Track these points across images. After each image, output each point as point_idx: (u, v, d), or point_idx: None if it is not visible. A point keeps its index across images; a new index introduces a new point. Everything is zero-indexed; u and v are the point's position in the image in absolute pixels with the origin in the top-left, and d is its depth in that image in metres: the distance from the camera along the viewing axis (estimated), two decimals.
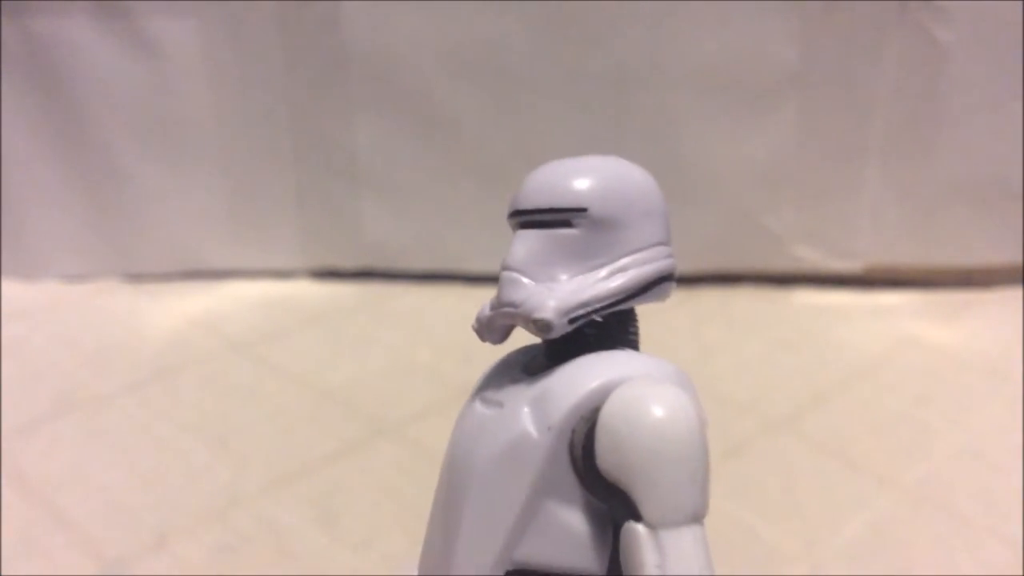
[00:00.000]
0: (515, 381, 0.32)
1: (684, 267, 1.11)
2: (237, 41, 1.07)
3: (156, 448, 0.81)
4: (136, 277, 1.16)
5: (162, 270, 1.16)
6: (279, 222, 1.15)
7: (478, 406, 0.32)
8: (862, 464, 0.77)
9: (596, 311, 0.30)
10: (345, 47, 1.06)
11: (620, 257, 0.30)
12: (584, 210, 0.30)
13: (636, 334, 0.32)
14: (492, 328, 0.32)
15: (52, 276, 1.15)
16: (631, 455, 0.27)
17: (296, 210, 1.14)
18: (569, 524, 0.29)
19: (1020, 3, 0.98)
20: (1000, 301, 1.06)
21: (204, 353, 0.98)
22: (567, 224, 0.30)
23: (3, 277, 1.14)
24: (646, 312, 0.33)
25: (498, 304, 0.31)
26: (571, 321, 0.30)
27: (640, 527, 0.26)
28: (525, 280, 0.30)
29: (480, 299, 0.33)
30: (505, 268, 0.30)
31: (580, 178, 0.30)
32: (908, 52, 1.01)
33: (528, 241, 0.30)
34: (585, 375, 0.29)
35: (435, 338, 1.00)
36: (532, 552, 0.29)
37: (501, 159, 1.08)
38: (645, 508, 0.27)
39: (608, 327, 0.31)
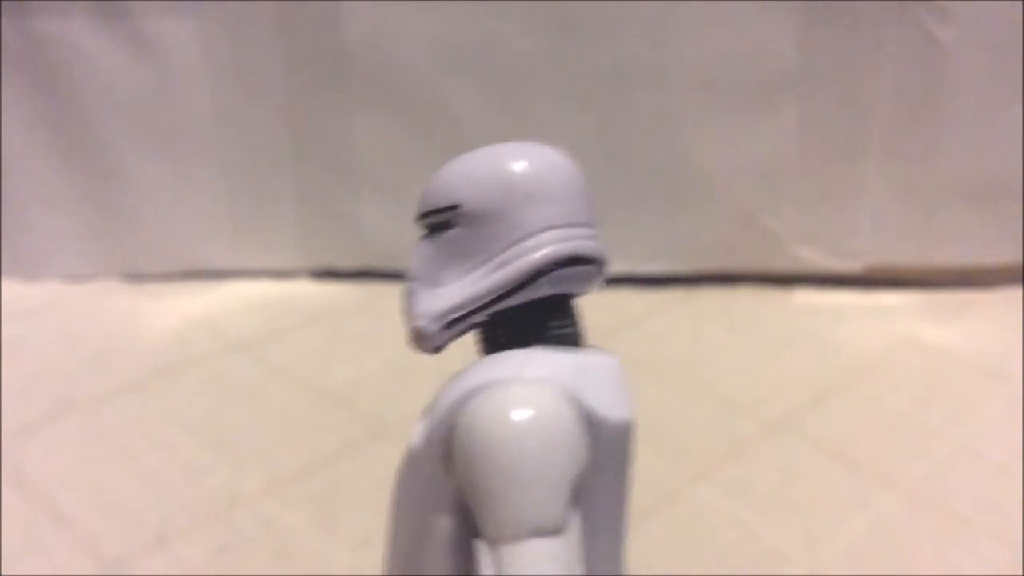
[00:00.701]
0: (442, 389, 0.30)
1: (684, 267, 1.11)
2: (237, 41, 1.07)
3: (156, 448, 0.81)
4: (136, 277, 1.16)
5: (162, 270, 1.16)
6: (279, 222, 1.15)
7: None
8: (862, 464, 0.77)
9: (474, 312, 0.28)
10: (345, 47, 1.06)
11: (504, 250, 0.28)
12: (457, 206, 0.28)
13: (566, 327, 0.29)
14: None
15: (52, 276, 1.15)
16: (467, 468, 0.25)
17: (296, 210, 1.14)
18: (461, 542, 0.27)
19: (1020, 3, 0.98)
20: (1000, 301, 1.06)
21: (204, 353, 0.98)
22: (449, 225, 0.29)
23: (3, 277, 1.14)
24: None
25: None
26: (448, 326, 0.28)
27: (482, 544, 0.25)
28: (416, 289, 0.29)
29: None
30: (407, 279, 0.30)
31: (452, 174, 0.29)
32: (908, 52, 1.01)
33: (420, 249, 0.29)
34: (461, 383, 0.27)
35: None
36: (433, 571, 0.28)
37: None
38: (481, 523, 0.25)
39: (518, 325, 0.29)
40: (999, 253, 1.09)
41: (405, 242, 1.31)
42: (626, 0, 1.01)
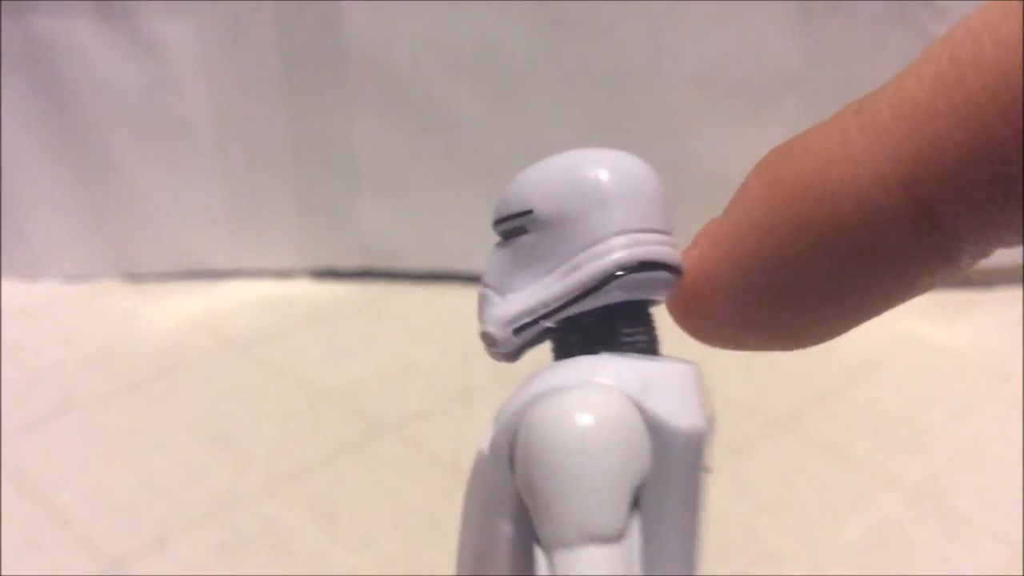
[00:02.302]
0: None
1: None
2: (237, 41, 1.07)
3: (156, 448, 0.81)
4: (136, 277, 1.16)
5: (162, 270, 1.15)
6: (279, 222, 1.15)
7: None
8: (862, 464, 0.77)
9: (544, 317, 0.28)
10: (345, 47, 1.06)
11: (575, 254, 0.27)
12: (529, 212, 0.28)
13: (638, 334, 0.30)
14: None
15: (52, 276, 1.15)
16: (527, 470, 0.25)
17: (296, 210, 1.14)
18: (524, 548, 0.26)
19: (1019, 3, 0.98)
20: (1000, 301, 1.06)
21: (204, 353, 0.98)
22: (523, 231, 0.28)
23: (3, 277, 1.14)
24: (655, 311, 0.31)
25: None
26: (517, 331, 0.28)
27: (538, 549, 0.24)
28: (490, 294, 0.29)
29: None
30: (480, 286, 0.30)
31: (526, 179, 0.29)
32: (908, 52, 1.01)
33: (495, 255, 0.29)
34: (528, 388, 0.27)
35: (435, 338, 1.00)
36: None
37: (501, 159, 1.08)
38: (537, 527, 0.24)
39: (589, 331, 0.29)
40: (999, 253, 1.08)
41: (405, 242, 1.31)
42: (626, 0, 1.01)
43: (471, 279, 1.13)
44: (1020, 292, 1.07)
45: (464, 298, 1.16)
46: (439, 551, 0.68)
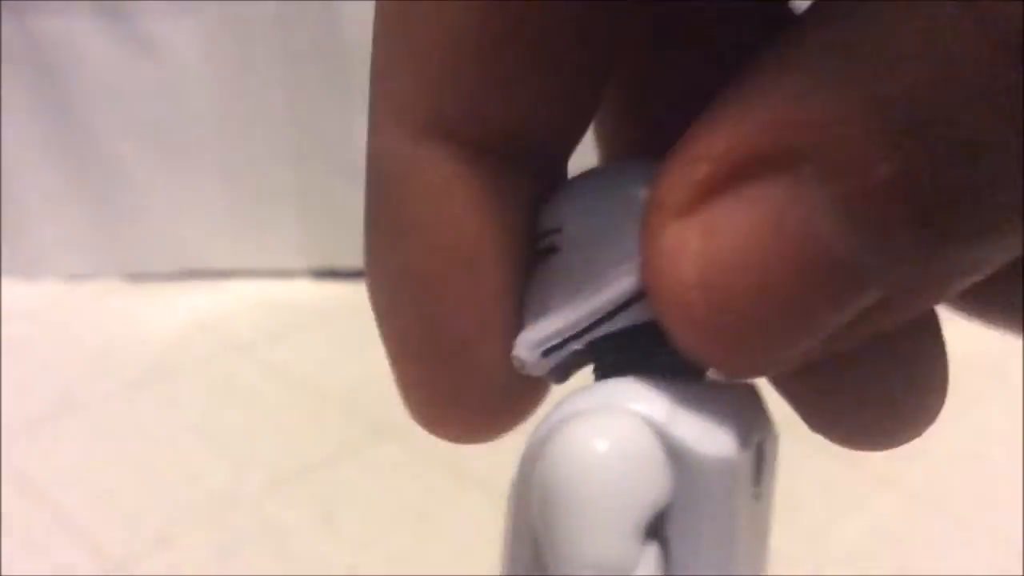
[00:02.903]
0: None
1: None
2: (237, 41, 1.07)
3: (156, 448, 0.81)
4: (136, 277, 1.16)
5: (162, 270, 1.16)
6: (279, 222, 1.15)
7: None
8: (862, 464, 0.77)
9: (573, 338, 0.26)
10: (345, 47, 1.06)
11: (606, 271, 0.26)
12: (559, 229, 0.27)
13: (676, 354, 0.29)
14: None
15: (53, 276, 1.15)
16: (537, 499, 0.24)
17: (296, 210, 1.14)
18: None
19: (1019, 3, 0.98)
20: None
21: (204, 353, 0.98)
22: (554, 248, 0.27)
23: (4, 277, 1.14)
24: None
25: None
26: (545, 354, 0.26)
27: None
28: (523, 315, 0.29)
29: None
30: None
31: (560, 194, 0.27)
32: None
33: (529, 275, 0.27)
34: (555, 413, 0.26)
35: None
36: None
37: None
38: (544, 557, 0.23)
39: (625, 351, 0.27)
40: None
41: None
42: None
43: None
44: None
45: None
46: (439, 551, 0.68)
